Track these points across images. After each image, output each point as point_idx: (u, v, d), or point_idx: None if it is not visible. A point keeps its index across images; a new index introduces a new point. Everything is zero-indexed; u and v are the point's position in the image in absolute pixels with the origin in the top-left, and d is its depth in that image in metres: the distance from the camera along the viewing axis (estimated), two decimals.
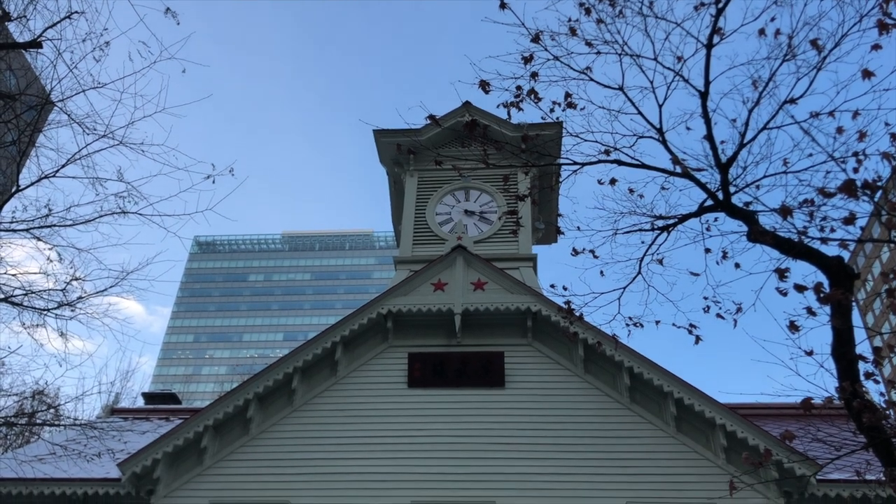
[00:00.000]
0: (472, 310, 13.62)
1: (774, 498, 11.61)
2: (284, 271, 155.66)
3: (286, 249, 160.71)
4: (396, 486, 12.30)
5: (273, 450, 12.96)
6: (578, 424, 12.67)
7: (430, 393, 13.31)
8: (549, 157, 9.04)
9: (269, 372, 13.30)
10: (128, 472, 12.42)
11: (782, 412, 15.21)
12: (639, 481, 11.98)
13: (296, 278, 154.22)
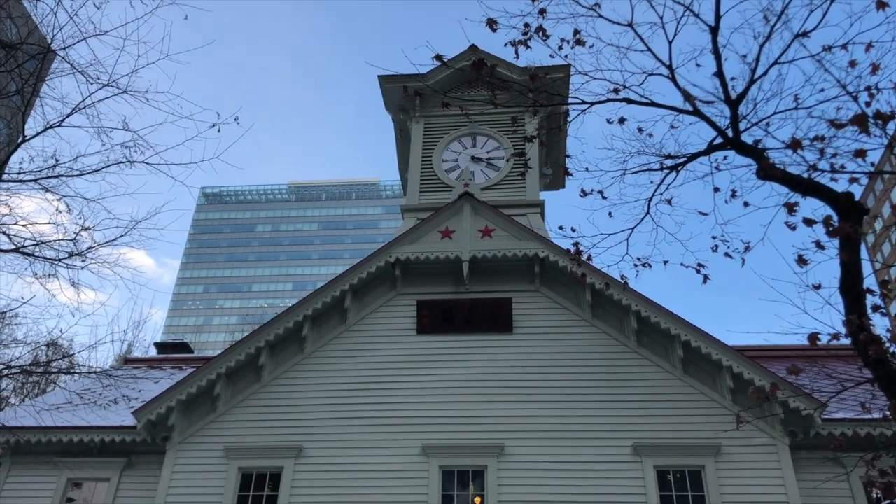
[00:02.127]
0: (479, 257, 13.64)
1: (780, 437, 11.76)
2: (291, 221, 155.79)
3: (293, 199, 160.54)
4: (407, 430, 12.51)
5: (285, 396, 13.17)
6: (586, 368, 12.80)
7: (439, 339, 13.43)
8: (558, 98, 8.92)
9: (279, 320, 13.43)
10: (143, 419, 12.65)
11: (788, 354, 15.32)
12: (646, 422, 12.15)
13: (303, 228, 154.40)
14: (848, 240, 5.46)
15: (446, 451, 12.24)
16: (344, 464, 12.34)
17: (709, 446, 11.80)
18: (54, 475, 13.19)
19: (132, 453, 13.20)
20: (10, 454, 13.48)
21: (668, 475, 11.83)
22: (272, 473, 12.53)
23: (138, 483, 12.98)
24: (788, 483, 11.37)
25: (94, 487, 13.17)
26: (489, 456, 12.12)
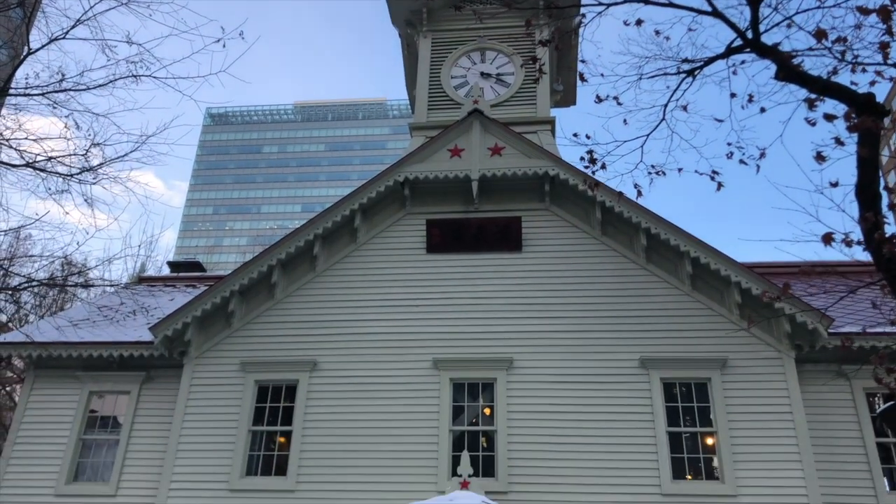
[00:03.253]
0: (489, 175, 13.60)
1: (786, 350, 11.97)
2: (298, 142, 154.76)
3: (299, 120, 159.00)
4: (418, 345, 12.77)
5: (298, 313, 13.40)
6: (595, 285, 12.93)
7: (449, 258, 13.54)
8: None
9: (291, 239, 13.54)
10: (160, 335, 12.93)
11: (797, 271, 15.36)
12: (653, 337, 12.35)
13: (310, 149, 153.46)
14: (868, 135, 5.40)
15: (457, 365, 12.52)
16: (357, 377, 12.66)
17: (715, 359, 12.03)
18: (77, 388, 13.61)
19: (151, 367, 13.56)
20: (33, 368, 13.87)
21: (674, 387, 12.10)
22: (288, 386, 12.88)
23: (158, 395, 13.38)
24: (793, 395, 11.64)
25: (115, 400, 13.59)
26: (498, 369, 12.40)
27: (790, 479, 11.09)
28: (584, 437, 11.72)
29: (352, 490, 11.72)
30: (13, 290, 12.03)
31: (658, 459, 11.45)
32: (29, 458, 13.11)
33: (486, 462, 11.87)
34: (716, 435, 11.62)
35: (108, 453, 13.17)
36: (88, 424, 13.43)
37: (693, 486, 11.32)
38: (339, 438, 12.19)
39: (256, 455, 12.48)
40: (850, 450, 11.67)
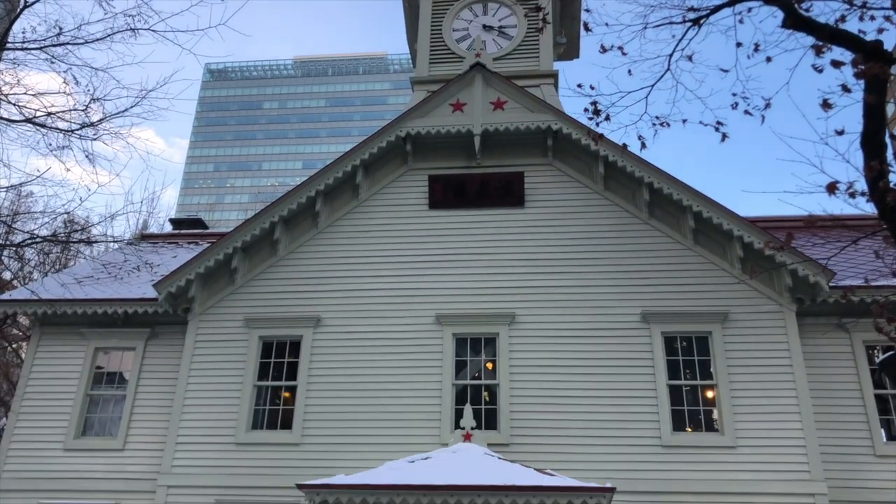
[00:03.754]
0: (491, 130, 13.50)
1: (787, 304, 12.02)
2: (298, 98, 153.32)
3: (299, 75, 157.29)
4: (421, 301, 12.84)
5: (301, 269, 13.44)
6: (597, 240, 12.94)
7: (451, 214, 13.52)
8: None
9: (293, 195, 13.51)
10: (164, 291, 13.00)
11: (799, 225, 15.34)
12: (655, 291, 12.40)
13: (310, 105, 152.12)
14: (875, 81, 5.33)
15: (459, 320, 12.60)
16: (361, 333, 12.75)
17: (716, 313, 12.09)
18: (82, 345, 13.73)
19: (155, 324, 13.66)
20: (38, 325, 13.98)
21: (675, 341, 12.19)
22: (292, 342, 12.98)
23: (163, 352, 13.50)
24: (793, 348, 11.72)
25: (120, 356, 13.73)
26: (501, 324, 12.48)
27: (789, 430, 11.24)
28: (585, 391, 11.85)
29: (356, 443, 11.90)
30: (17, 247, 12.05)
31: (658, 412, 11.59)
32: (38, 413, 13.29)
33: (489, 415, 12.02)
34: (716, 388, 11.74)
35: (115, 408, 13.35)
36: (95, 380, 13.59)
37: (693, 437, 11.47)
38: (343, 393, 12.34)
39: (262, 409, 12.64)
40: (849, 401, 11.80)
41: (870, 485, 11.24)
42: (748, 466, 11.13)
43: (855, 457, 11.45)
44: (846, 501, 11.11)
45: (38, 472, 12.79)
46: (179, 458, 12.22)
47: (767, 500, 10.89)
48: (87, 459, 12.80)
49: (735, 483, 11.03)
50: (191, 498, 11.91)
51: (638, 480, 11.16)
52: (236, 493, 11.85)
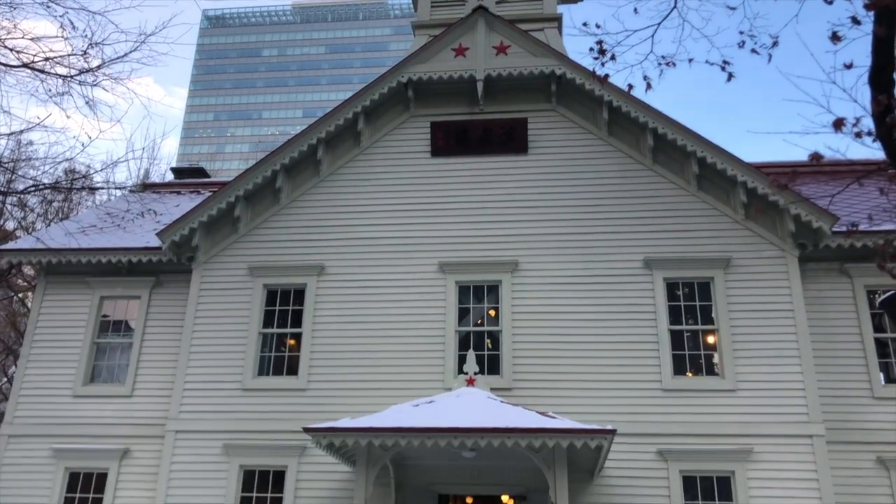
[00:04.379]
0: (494, 75, 13.34)
1: (789, 249, 12.03)
2: (298, 45, 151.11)
3: (298, 21, 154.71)
4: (424, 249, 12.87)
5: (304, 218, 13.44)
6: (600, 186, 12.89)
7: (454, 161, 13.45)
8: None
9: (294, 143, 13.43)
10: (167, 240, 13.02)
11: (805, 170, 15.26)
12: (658, 237, 12.41)
13: (310, 52, 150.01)
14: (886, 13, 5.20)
15: (462, 268, 12.64)
16: (364, 280, 12.82)
17: (719, 259, 12.11)
18: (88, 293, 13.83)
19: (160, 273, 13.73)
20: (44, 274, 14.06)
21: (677, 287, 12.25)
22: (296, 290, 13.06)
23: (168, 300, 13.60)
24: (794, 293, 11.78)
25: (126, 304, 13.83)
26: (503, 272, 12.53)
27: (788, 373, 11.37)
28: (586, 337, 11.95)
29: (361, 388, 12.07)
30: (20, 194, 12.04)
31: (659, 356, 11.71)
32: (46, 361, 13.46)
33: (491, 361, 12.16)
34: (717, 332, 11.84)
35: (123, 356, 13.51)
36: (101, 328, 13.72)
37: (693, 381, 11.62)
38: (348, 339, 12.46)
39: (268, 356, 12.79)
40: (849, 345, 11.91)
41: (867, 426, 11.42)
42: (747, 409, 11.29)
43: (853, 399, 11.60)
44: (843, 442, 11.31)
45: (49, 417, 13.02)
46: (187, 403, 12.42)
47: (766, 441, 11.07)
48: (96, 405, 13.01)
49: (734, 425, 11.21)
50: (199, 442, 12.14)
51: (639, 423, 11.34)
52: (244, 437, 12.07)
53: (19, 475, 12.69)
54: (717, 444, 11.14)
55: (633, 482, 11.13)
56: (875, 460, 11.24)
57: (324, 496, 11.61)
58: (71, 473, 12.71)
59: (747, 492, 10.85)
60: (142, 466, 12.51)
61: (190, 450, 12.12)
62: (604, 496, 11.11)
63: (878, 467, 11.22)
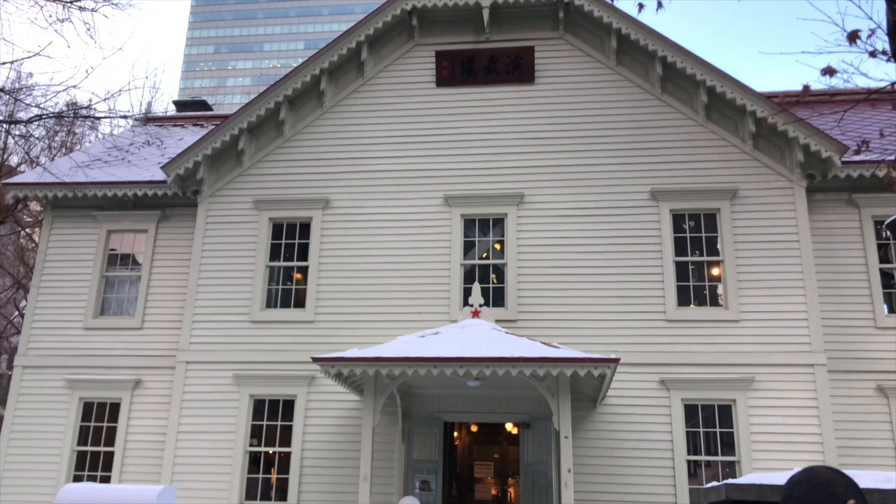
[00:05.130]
0: (500, 2, 13.02)
1: (797, 180, 11.95)
2: None
3: None
4: (429, 182, 12.81)
5: (308, 151, 13.36)
6: (607, 117, 12.74)
7: (459, 91, 13.27)
8: None
9: (297, 74, 13.24)
10: (172, 173, 12.99)
11: (816, 100, 15.03)
12: (665, 169, 12.32)
13: None
14: None
15: (467, 201, 12.61)
16: (369, 214, 12.81)
17: (726, 190, 12.05)
18: (94, 227, 13.88)
19: (166, 206, 13.74)
20: (50, 209, 14.08)
21: (683, 219, 12.22)
22: (301, 223, 13.08)
23: (174, 234, 13.64)
24: (801, 224, 11.75)
25: (133, 238, 13.89)
26: (509, 204, 12.50)
27: (792, 304, 11.44)
28: (592, 269, 12.00)
29: (368, 321, 12.20)
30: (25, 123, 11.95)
31: (664, 288, 11.77)
32: (56, 294, 13.60)
33: (496, 293, 12.24)
34: (722, 264, 11.86)
35: (131, 289, 13.63)
36: (109, 262, 13.81)
37: (697, 312, 11.70)
38: (354, 273, 12.53)
39: (275, 289, 12.90)
40: (854, 276, 11.94)
41: (868, 356, 11.54)
42: (750, 339, 11.40)
43: (856, 329, 11.69)
44: (844, 371, 11.45)
45: (62, 349, 13.24)
46: (196, 335, 12.59)
47: (767, 370, 11.22)
48: (107, 338, 13.20)
49: (736, 355, 11.34)
50: (210, 373, 12.36)
51: (642, 353, 11.48)
52: (253, 367, 12.28)
53: (35, 405, 12.98)
54: (719, 374, 11.29)
55: (635, 410, 11.33)
56: (875, 389, 11.40)
57: (332, 424, 11.87)
58: (85, 403, 13.00)
59: (748, 419, 11.05)
60: (154, 396, 12.77)
61: (201, 380, 12.35)
62: (606, 424, 11.34)
63: (877, 395, 11.39)
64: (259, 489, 11.97)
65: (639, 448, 11.14)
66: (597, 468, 11.12)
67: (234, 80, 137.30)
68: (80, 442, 12.82)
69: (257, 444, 12.14)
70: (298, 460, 11.78)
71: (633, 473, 11.04)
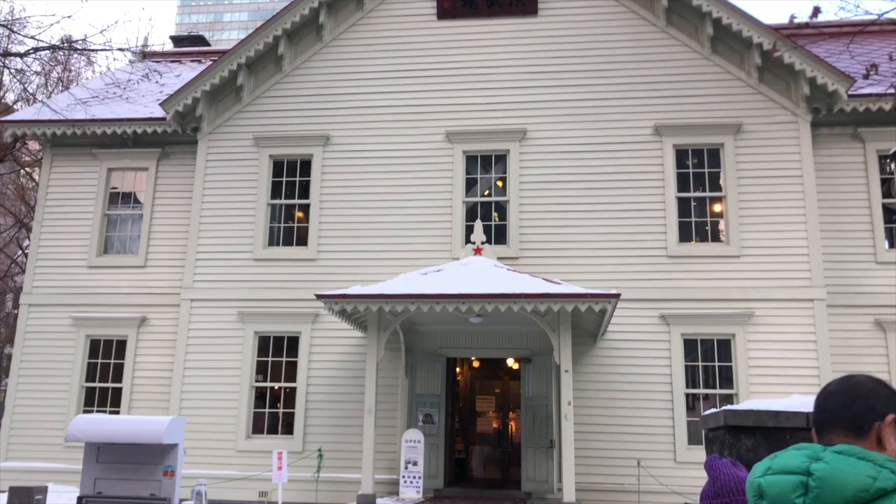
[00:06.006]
0: None
1: (802, 114, 11.81)
2: None
3: None
4: (430, 118, 12.68)
5: (308, 86, 13.18)
6: (612, 50, 12.52)
7: (461, 24, 13.01)
8: None
9: (295, 7, 12.96)
10: (171, 110, 12.85)
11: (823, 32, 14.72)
12: (668, 103, 12.17)
13: None
14: None
15: (469, 137, 12.51)
16: (370, 151, 12.72)
17: (729, 125, 11.93)
18: (95, 165, 13.81)
19: (166, 144, 13.63)
20: (49, 147, 13.98)
21: (686, 154, 12.12)
22: (302, 161, 13.01)
23: (175, 172, 13.58)
24: (805, 158, 11.66)
25: (134, 176, 13.84)
26: (511, 140, 12.40)
27: (793, 238, 11.45)
28: (594, 205, 11.97)
29: (370, 258, 12.24)
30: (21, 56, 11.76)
31: (666, 224, 11.77)
32: (59, 233, 13.61)
33: (498, 231, 12.25)
34: (724, 199, 11.83)
35: (134, 227, 13.65)
36: (111, 201, 13.78)
37: (698, 248, 11.73)
38: (355, 210, 12.52)
39: (277, 227, 12.91)
40: (856, 210, 11.91)
41: (868, 290, 11.60)
42: (751, 274, 11.45)
43: (856, 263, 11.73)
44: (843, 305, 11.53)
45: (66, 287, 13.33)
46: (200, 273, 12.66)
47: (767, 305, 11.31)
48: (111, 276, 13.28)
49: (736, 290, 11.42)
50: (214, 310, 12.48)
51: (643, 289, 11.55)
52: (257, 305, 12.39)
53: (42, 343, 13.14)
54: (718, 308, 11.39)
55: (635, 345, 11.47)
56: (873, 323, 11.50)
57: (337, 360, 12.05)
58: (92, 341, 13.16)
59: (746, 353, 11.20)
60: (159, 333, 12.92)
61: (206, 317, 12.48)
62: (606, 358, 11.50)
63: (875, 329, 11.50)
64: (266, 423, 12.22)
65: (638, 382, 11.32)
66: (596, 401, 11.32)
67: (231, 15, 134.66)
68: (88, 379, 13.03)
69: (263, 379, 12.34)
70: (304, 395, 11.99)
71: (633, 406, 11.24)
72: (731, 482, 2.23)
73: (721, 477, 2.26)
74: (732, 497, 2.20)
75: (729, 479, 2.25)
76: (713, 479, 2.28)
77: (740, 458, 3.72)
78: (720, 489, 2.23)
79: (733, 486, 2.22)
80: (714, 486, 2.25)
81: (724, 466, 2.30)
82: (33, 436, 12.70)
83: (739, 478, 2.25)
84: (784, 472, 1.35)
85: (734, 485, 2.22)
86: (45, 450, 12.55)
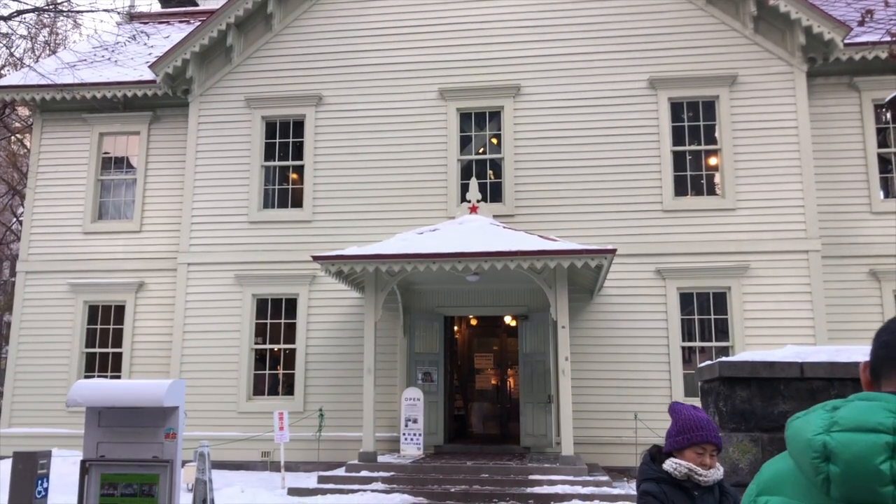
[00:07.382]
0: None
1: (798, 64, 11.70)
2: None
3: None
4: (423, 75, 12.55)
5: (298, 45, 13.01)
6: (605, 3, 12.34)
7: None
8: None
9: None
10: (161, 72, 12.70)
11: None
12: (663, 56, 12.04)
13: None
14: None
15: (463, 94, 12.40)
16: (363, 110, 12.61)
17: (725, 76, 11.82)
18: (86, 130, 13.68)
19: (157, 107, 13.50)
20: (39, 112, 13.83)
21: (681, 108, 12.04)
22: (295, 121, 12.90)
23: (167, 135, 13.47)
24: (800, 109, 11.59)
25: (126, 141, 13.73)
26: (505, 97, 12.29)
27: (789, 190, 11.44)
28: (589, 160, 11.93)
29: (366, 218, 12.22)
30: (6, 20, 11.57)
31: (661, 178, 11.74)
32: (52, 199, 13.55)
33: (494, 188, 12.22)
34: (719, 152, 11.79)
35: (128, 192, 13.58)
36: (104, 166, 13.69)
37: (694, 201, 11.72)
38: (350, 171, 12.46)
39: (272, 189, 12.86)
40: (852, 161, 11.88)
41: (863, 240, 11.62)
42: (746, 227, 11.47)
43: (851, 214, 11.74)
44: (838, 256, 11.57)
45: (62, 254, 13.31)
46: (196, 237, 12.65)
47: (763, 258, 11.35)
48: (107, 241, 13.26)
49: (732, 243, 11.44)
50: (211, 274, 12.49)
51: (639, 244, 11.57)
52: (254, 267, 12.40)
53: (40, 309, 13.17)
54: (714, 262, 11.43)
55: (632, 300, 11.53)
56: (868, 273, 11.55)
57: (335, 321, 12.11)
58: (90, 306, 13.19)
59: (742, 306, 11.27)
60: (157, 298, 12.95)
61: (203, 281, 12.50)
62: (602, 313, 11.57)
63: (870, 279, 11.55)
64: (266, 384, 12.33)
65: (635, 336, 11.41)
66: (594, 356, 11.42)
67: None
68: (88, 344, 13.09)
69: (262, 341, 12.41)
70: (303, 356, 12.08)
71: (629, 360, 11.35)
72: (691, 421, 2.47)
73: (682, 417, 2.51)
74: (692, 433, 2.43)
75: (689, 418, 2.49)
76: (675, 420, 2.53)
77: (735, 409, 3.77)
78: (682, 427, 2.48)
79: (692, 423, 2.46)
80: (676, 426, 2.50)
81: (685, 409, 2.55)
82: (36, 402, 12.80)
83: (698, 417, 2.50)
84: (861, 429, 1.01)
85: (693, 423, 2.46)
86: (47, 415, 12.67)
